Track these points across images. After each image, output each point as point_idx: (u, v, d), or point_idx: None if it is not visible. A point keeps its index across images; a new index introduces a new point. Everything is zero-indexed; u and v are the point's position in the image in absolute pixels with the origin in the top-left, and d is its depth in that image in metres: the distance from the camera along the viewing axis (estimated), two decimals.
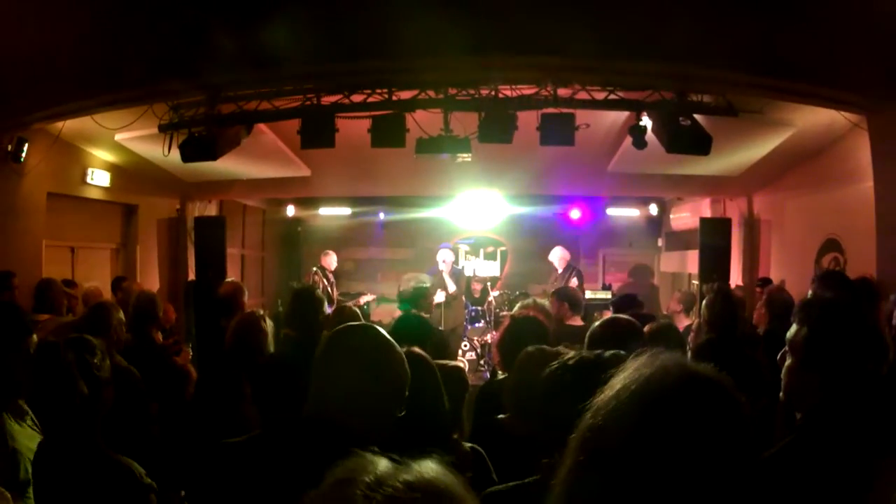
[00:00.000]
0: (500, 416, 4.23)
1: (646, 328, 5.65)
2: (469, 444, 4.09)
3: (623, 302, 8.77)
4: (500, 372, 6.17)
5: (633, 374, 1.56)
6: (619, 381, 1.58)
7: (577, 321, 8.61)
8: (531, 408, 3.24)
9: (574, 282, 14.80)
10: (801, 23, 7.65)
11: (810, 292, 6.94)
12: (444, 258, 16.21)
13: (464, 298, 17.10)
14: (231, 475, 2.71)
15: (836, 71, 8.23)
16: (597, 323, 5.13)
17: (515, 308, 7.73)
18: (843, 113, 9.63)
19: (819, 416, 3.14)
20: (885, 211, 8.91)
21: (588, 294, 16.77)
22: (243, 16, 7.75)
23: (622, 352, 2.91)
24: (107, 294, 11.11)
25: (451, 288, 15.89)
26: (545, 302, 7.64)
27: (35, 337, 4.38)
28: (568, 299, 9.00)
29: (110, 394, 3.90)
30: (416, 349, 4.27)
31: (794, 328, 3.30)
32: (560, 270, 15.57)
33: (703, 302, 7.05)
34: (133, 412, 5.56)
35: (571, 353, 3.22)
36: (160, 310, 7.37)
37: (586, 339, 4.86)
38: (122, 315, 6.49)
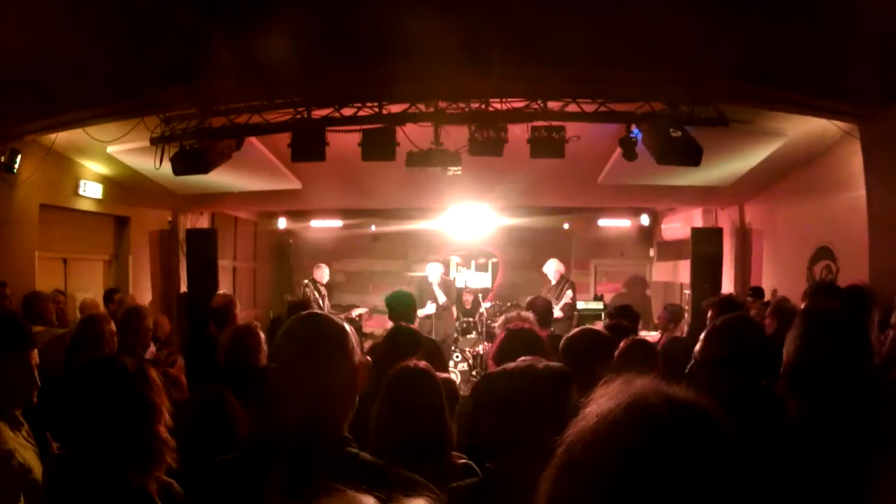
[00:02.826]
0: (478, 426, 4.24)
1: (621, 344, 5.68)
2: (462, 460, 4.08)
3: (617, 312, 8.78)
4: None
5: (611, 403, 1.52)
6: (594, 410, 1.53)
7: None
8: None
9: (568, 294, 14.82)
10: (794, 33, 7.68)
11: (803, 304, 6.96)
12: (433, 270, 16.24)
13: (454, 310, 17.10)
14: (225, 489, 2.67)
15: (828, 80, 8.26)
16: (569, 334, 5.15)
17: (499, 322, 7.73)
18: (834, 122, 9.65)
19: (809, 420, 3.19)
20: (878, 219, 8.93)
21: (580, 304, 16.79)
22: (241, 27, 7.75)
23: (540, 364, 2.98)
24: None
25: (442, 299, 15.90)
26: (529, 314, 7.63)
27: (36, 351, 4.35)
28: (535, 311, 8.99)
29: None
30: (423, 363, 4.26)
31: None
32: (554, 282, 15.55)
33: (710, 315, 7.00)
34: None
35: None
36: (148, 322, 7.30)
37: (561, 347, 4.90)
38: (113, 327, 6.46)
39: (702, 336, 4.02)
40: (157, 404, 3.62)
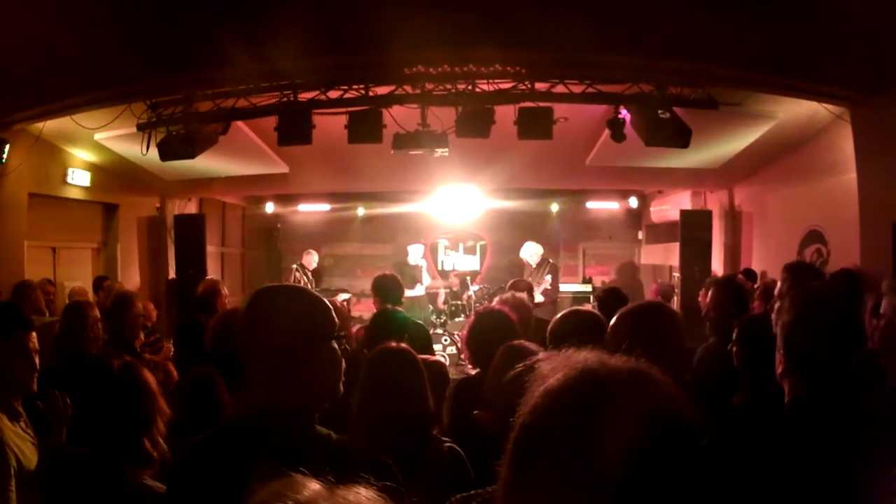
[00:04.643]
0: (476, 412, 4.21)
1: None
2: (448, 444, 4.06)
3: (605, 295, 8.74)
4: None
5: (554, 378, 1.50)
6: (539, 386, 1.51)
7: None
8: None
9: (548, 278, 14.66)
10: (784, 17, 7.65)
11: (779, 283, 6.94)
12: (415, 253, 16.27)
13: (442, 293, 17.10)
14: (201, 469, 2.63)
15: (819, 64, 8.23)
16: (557, 316, 5.08)
17: (495, 301, 7.72)
18: (825, 105, 9.63)
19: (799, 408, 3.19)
20: (868, 202, 8.93)
21: (568, 287, 16.79)
22: (227, 12, 7.70)
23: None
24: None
25: (427, 281, 15.91)
26: (524, 295, 7.59)
27: (34, 335, 4.34)
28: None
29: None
30: (403, 345, 4.25)
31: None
32: (534, 266, 15.32)
33: (710, 296, 6.76)
34: None
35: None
36: (137, 308, 7.22)
37: (548, 333, 4.83)
38: (97, 313, 6.43)
39: (611, 322, 3.95)
40: (150, 414, 3.63)
